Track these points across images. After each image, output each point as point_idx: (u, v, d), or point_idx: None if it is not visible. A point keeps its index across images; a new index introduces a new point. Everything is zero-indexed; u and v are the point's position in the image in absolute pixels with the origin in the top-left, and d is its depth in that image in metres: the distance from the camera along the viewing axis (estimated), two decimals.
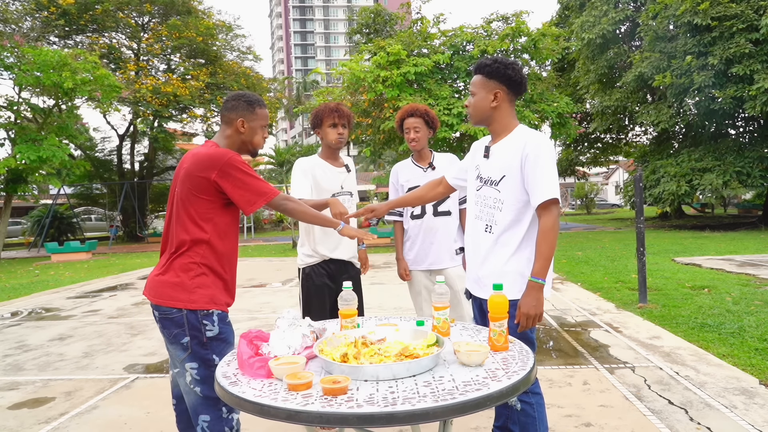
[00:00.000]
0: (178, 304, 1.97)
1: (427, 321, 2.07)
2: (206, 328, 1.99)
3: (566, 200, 36.06)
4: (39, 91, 15.93)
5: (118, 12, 21.13)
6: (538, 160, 2.01)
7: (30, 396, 3.78)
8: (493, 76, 2.09)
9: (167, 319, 2.00)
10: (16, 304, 7.98)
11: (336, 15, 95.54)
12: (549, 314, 5.72)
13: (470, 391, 1.35)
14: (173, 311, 1.98)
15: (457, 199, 3.11)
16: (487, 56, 2.36)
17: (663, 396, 3.25)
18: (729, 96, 14.85)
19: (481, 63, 2.12)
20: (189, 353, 2.00)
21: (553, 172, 2.01)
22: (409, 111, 3.07)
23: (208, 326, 1.99)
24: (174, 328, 2.00)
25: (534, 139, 2.05)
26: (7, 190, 16.05)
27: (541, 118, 14.87)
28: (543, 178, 2.00)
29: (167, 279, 2.00)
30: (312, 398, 1.35)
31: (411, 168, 3.15)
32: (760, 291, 6.29)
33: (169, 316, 1.99)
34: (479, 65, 2.13)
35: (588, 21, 19.40)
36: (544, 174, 2.00)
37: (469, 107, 2.17)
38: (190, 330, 1.98)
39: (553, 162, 2.04)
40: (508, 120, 2.14)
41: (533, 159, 2.01)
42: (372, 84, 13.95)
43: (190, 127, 25.68)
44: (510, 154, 2.08)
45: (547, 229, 1.99)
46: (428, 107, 3.12)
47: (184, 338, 2.00)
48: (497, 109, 2.11)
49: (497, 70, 2.08)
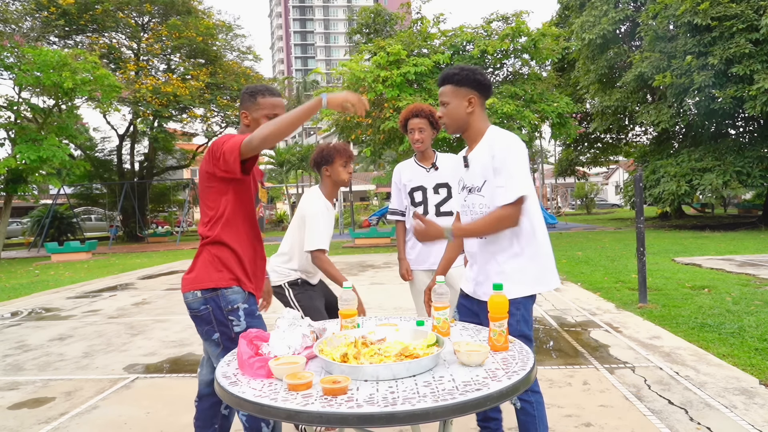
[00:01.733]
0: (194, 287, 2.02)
1: (427, 321, 2.07)
2: (233, 323, 2.01)
3: (566, 200, 36.05)
4: (39, 91, 15.94)
5: (118, 12, 21.15)
6: (503, 162, 2.05)
7: (30, 396, 3.78)
8: (463, 84, 2.14)
9: (197, 317, 2.05)
10: (16, 304, 7.99)
11: (336, 15, 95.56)
12: (549, 314, 5.73)
13: (470, 391, 1.35)
14: (201, 308, 2.02)
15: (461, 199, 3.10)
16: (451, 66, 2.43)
17: (663, 396, 3.25)
18: (729, 96, 14.85)
19: (449, 73, 2.18)
20: (221, 349, 2.03)
21: (517, 172, 2.03)
22: (414, 111, 3.04)
23: (235, 321, 2.01)
24: (204, 324, 2.04)
25: (500, 141, 2.10)
26: (7, 190, 16.06)
27: (541, 118, 14.87)
28: (507, 179, 2.04)
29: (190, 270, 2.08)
30: (312, 398, 1.35)
31: (414, 168, 3.14)
32: (760, 291, 6.29)
33: (198, 314, 2.03)
34: (447, 75, 2.18)
35: (588, 21, 19.40)
36: (509, 175, 2.04)
37: (444, 117, 2.21)
38: (218, 326, 2.02)
39: (520, 160, 2.06)
40: (481, 124, 2.20)
41: (499, 161, 2.06)
42: (372, 84, 13.95)
43: (190, 127, 25.70)
44: (485, 158, 2.13)
45: (497, 215, 2.03)
46: (432, 107, 3.08)
47: (214, 334, 2.04)
48: (473, 114, 2.17)
49: (466, 77, 2.14)
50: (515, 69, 16.31)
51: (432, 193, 3.07)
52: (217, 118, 24.50)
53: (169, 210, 33.60)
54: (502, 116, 13.71)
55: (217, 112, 23.62)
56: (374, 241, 16.27)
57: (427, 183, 3.07)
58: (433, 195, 3.07)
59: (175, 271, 11.65)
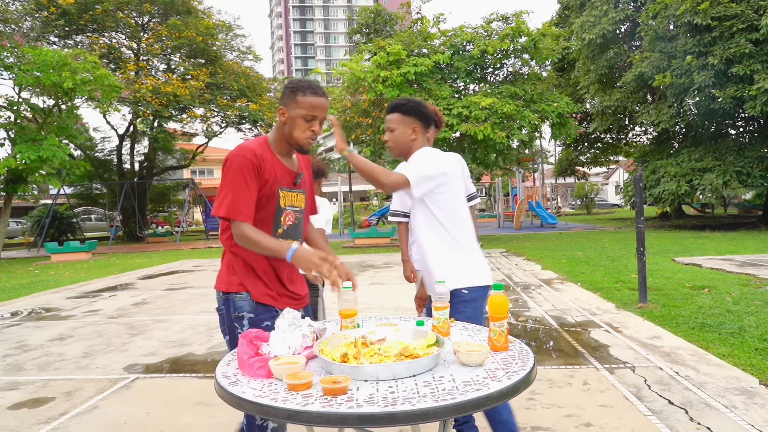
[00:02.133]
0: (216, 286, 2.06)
1: (427, 321, 2.07)
2: (236, 330, 2.01)
3: (566, 200, 36.05)
4: (39, 91, 15.93)
5: (118, 12, 21.14)
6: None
7: (30, 396, 3.78)
8: (409, 114, 2.38)
9: (218, 315, 2.08)
10: (16, 304, 7.99)
11: (336, 15, 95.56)
12: (549, 314, 5.73)
13: (470, 391, 1.35)
14: (220, 308, 2.05)
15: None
16: (399, 98, 2.61)
17: (663, 396, 3.25)
18: (729, 96, 14.85)
19: (397, 103, 2.41)
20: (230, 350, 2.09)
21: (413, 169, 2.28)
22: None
23: (238, 329, 2.01)
24: (221, 324, 2.08)
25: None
26: (7, 190, 16.05)
27: (541, 118, 14.87)
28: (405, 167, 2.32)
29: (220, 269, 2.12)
30: (312, 398, 1.35)
31: None
32: (760, 291, 6.29)
33: (218, 312, 2.07)
34: (396, 105, 2.41)
35: (588, 21, 19.41)
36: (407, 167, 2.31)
37: (390, 141, 2.42)
38: (228, 328, 2.04)
39: (416, 164, 2.31)
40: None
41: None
42: (372, 84, 13.95)
43: (190, 127, 25.68)
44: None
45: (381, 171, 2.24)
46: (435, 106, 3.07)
47: (226, 335, 2.07)
48: (415, 141, 2.41)
49: (412, 108, 2.39)
50: (515, 69, 16.31)
51: None
52: (217, 118, 24.48)
53: (169, 210, 33.61)
54: (502, 116, 13.71)
55: (217, 112, 23.59)
56: (374, 241, 16.28)
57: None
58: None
59: (175, 271, 11.65)
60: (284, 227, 2.08)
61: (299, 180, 2.11)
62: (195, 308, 6.99)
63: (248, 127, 25.63)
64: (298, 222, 2.14)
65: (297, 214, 2.12)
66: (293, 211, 2.10)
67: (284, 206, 2.06)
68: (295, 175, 2.09)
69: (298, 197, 2.12)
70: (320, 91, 1.95)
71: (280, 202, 2.04)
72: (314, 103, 1.93)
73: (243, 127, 25.59)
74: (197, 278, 10.21)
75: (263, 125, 25.39)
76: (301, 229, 2.17)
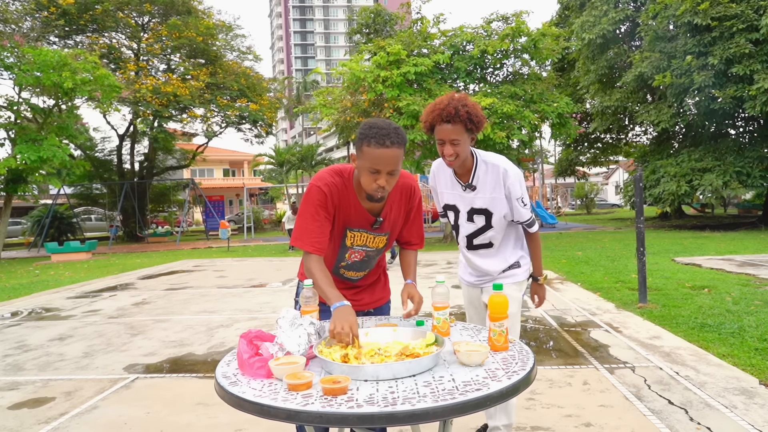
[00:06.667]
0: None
1: (427, 321, 2.07)
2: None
3: (566, 200, 36.03)
4: (39, 91, 15.93)
5: (118, 12, 21.14)
6: None
7: (30, 396, 3.78)
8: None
9: None
10: (16, 304, 7.98)
11: (336, 15, 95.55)
12: (549, 314, 5.73)
13: (470, 391, 1.35)
14: None
15: (502, 230, 2.40)
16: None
17: (663, 396, 3.25)
18: (729, 96, 14.85)
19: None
20: None
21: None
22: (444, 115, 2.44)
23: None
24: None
25: None
26: (7, 190, 16.05)
27: (541, 118, 14.87)
28: None
29: None
30: (312, 398, 1.35)
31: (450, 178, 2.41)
32: (760, 291, 6.29)
33: None
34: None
35: (588, 21, 19.40)
36: None
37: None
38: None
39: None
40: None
41: None
42: (372, 84, 13.95)
43: (190, 127, 25.71)
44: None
45: None
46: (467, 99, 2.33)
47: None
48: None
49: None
50: (515, 69, 16.31)
51: (465, 221, 2.39)
52: (217, 118, 24.50)
53: (169, 210, 33.61)
54: (502, 116, 13.72)
55: (217, 112, 23.61)
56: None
57: (461, 205, 2.38)
58: (466, 223, 2.40)
59: (175, 271, 11.65)
60: (348, 262, 2.09)
61: (377, 225, 2.03)
62: (195, 308, 6.99)
63: (248, 127, 25.66)
64: (368, 258, 2.11)
65: (368, 252, 2.08)
66: (362, 250, 2.06)
67: (351, 245, 2.04)
68: (372, 221, 2.01)
69: (375, 239, 2.06)
70: (388, 142, 1.74)
71: (346, 241, 2.02)
72: (377, 157, 1.75)
73: (243, 127, 25.62)
74: (197, 278, 10.21)
75: (263, 125, 25.41)
76: (372, 263, 2.15)
